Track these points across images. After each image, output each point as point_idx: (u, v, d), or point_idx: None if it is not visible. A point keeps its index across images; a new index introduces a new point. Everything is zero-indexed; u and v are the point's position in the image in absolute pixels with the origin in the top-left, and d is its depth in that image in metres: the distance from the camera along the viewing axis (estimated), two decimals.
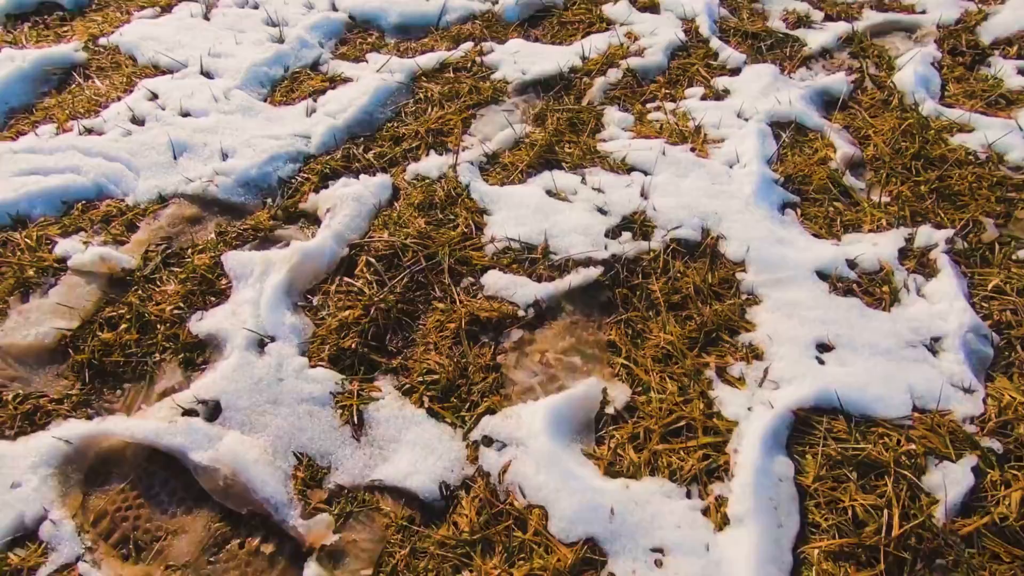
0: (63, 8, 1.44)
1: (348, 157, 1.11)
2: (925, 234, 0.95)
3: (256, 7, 1.41)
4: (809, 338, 0.82)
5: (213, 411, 0.79)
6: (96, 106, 1.19)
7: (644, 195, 1.01)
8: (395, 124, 1.18)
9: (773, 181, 1.03)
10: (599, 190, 1.03)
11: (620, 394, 0.79)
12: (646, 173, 1.05)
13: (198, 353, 0.85)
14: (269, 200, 1.05)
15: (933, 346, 0.82)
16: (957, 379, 0.78)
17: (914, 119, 1.13)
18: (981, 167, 1.06)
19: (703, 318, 0.85)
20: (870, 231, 0.97)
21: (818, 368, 0.79)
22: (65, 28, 1.39)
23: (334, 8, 1.42)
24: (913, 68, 1.23)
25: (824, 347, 0.82)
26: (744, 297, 0.89)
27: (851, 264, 0.92)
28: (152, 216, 1.01)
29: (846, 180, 1.05)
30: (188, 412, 0.78)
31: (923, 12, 1.42)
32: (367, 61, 1.31)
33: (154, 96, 1.20)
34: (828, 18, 1.42)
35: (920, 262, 0.92)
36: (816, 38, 1.36)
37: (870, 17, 1.41)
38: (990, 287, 0.88)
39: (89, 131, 1.14)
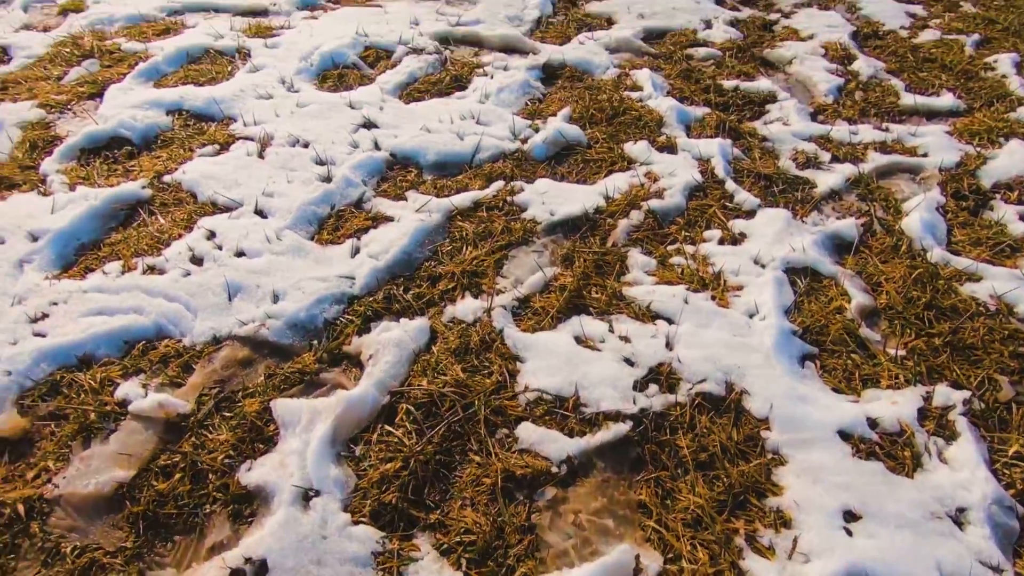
0: (132, 143, 1.59)
1: (389, 298, 1.18)
2: (943, 394, 0.98)
3: (306, 146, 1.54)
4: (835, 506, 0.85)
5: (260, 570, 0.82)
6: (159, 244, 1.30)
7: (669, 346, 1.07)
8: (432, 264, 1.26)
9: (792, 333, 1.09)
10: (626, 339, 1.09)
11: (652, 562, 0.82)
12: (670, 322, 1.11)
13: (246, 505, 0.89)
14: (315, 342, 1.12)
15: (958, 518, 0.84)
16: (984, 556, 0.80)
17: (923, 268, 1.20)
18: (992, 319, 1.11)
19: (731, 479, 0.88)
20: (888, 387, 1.01)
21: (846, 540, 0.81)
22: (133, 163, 1.52)
23: (377, 147, 1.55)
24: (919, 214, 1.31)
25: (851, 515, 0.84)
26: (770, 457, 0.92)
27: (872, 424, 0.95)
28: (207, 359, 1.08)
29: (862, 331, 1.10)
30: (236, 572, 0.82)
31: (925, 155, 1.51)
32: (406, 199, 1.42)
33: (212, 235, 1.30)
34: (835, 159, 1.52)
35: (939, 424, 0.95)
36: (825, 179, 1.45)
37: (875, 159, 1.51)
38: (1011, 453, 0.91)
39: (152, 269, 1.23)
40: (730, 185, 1.43)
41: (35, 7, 2.25)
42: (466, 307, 1.16)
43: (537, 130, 1.61)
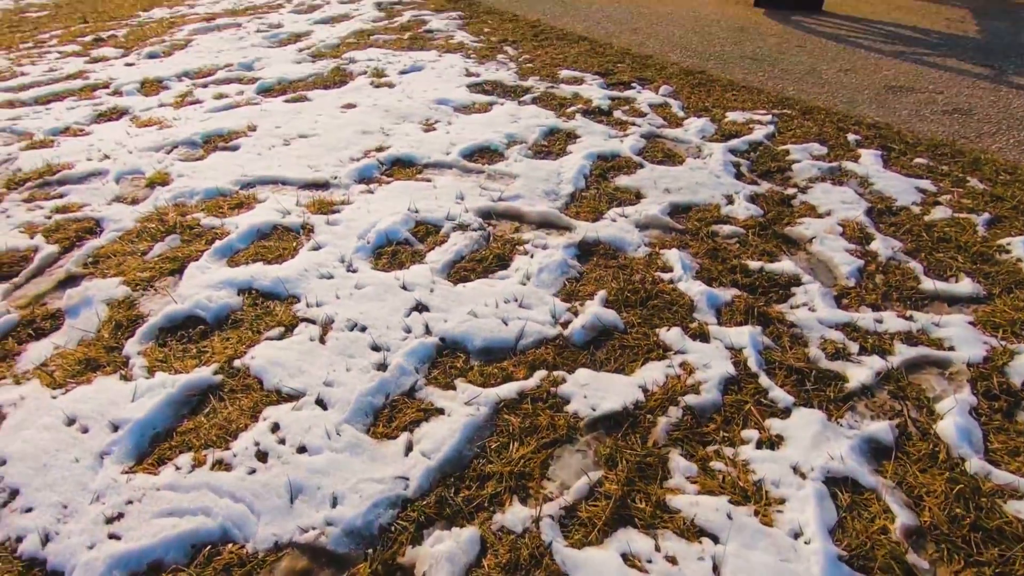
0: (206, 322, 1.74)
1: (441, 502, 1.24)
2: None
3: (363, 330, 1.67)
4: None
5: None
6: (227, 435, 1.39)
7: (716, 571, 1.09)
8: (481, 463, 1.33)
9: (838, 558, 1.10)
10: (673, 560, 1.11)
11: None
12: (715, 539, 1.14)
13: None
14: (370, 550, 1.16)
15: None
16: None
17: (964, 482, 1.22)
18: None
19: None
20: None
21: None
22: (205, 345, 1.66)
23: (428, 331, 1.67)
24: (953, 419, 1.35)
25: None
26: None
27: None
28: (268, 569, 1.13)
29: (910, 557, 1.11)
30: None
31: (951, 348, 1.58)
32: (455, 388, 1.51)
33: (276, 427, 1.39)
34: (863, 350, 1.59)
35: None
36: (855, 374, 1.51)
37: (902, 352, 1.57)
38: None
39: (220, 463, 1.32)
40: (764, 380, 1.49)
41: (126, 179, 2.55)
42: (515, 516, 1.20)
43: (576, 314, 1.73)
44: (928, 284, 1.81)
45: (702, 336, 1.65)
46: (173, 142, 2.79)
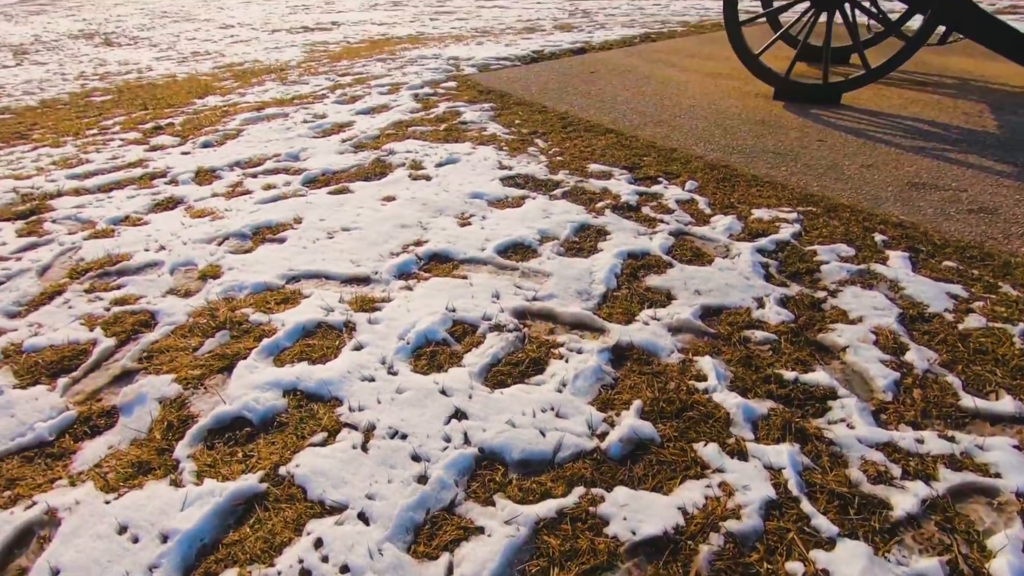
0: (252, 424, 1.80)
1: None
2: None
3: (404, 438, 1.72)
4: None
5: None
6: (271, 549, 1.42)
7: None
8: None
9: None
10: None
11: None
12: None
13: None
14: None
15: None
16: None
17: None
18: None
19: None
20: None
21: None
22: (251, 449, 1.71)
23: (467, 440, 1.70)
24: (1006, 558, 1.31)
25: None
26: None
27: None
28: None
29: None
30: None
31: (998, 475, 1.55)
32: (494, 504, 1.52)
33: (319, 543, 1.42)
34: (906, 473, 1.57)
35: None
36: (900, 501, 1.49)
37: (947, 477, 1.55)
38: None
39: None
40: (806, 505, 1.48)
41: (180, 271, 2.70)
42: None
43: (612, 425, 1.75)
44: (968, 401, 1.80)
45: (740, 454, 1.65)
46: (224, 234, 2.97)
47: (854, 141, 3.99)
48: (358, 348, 2.10)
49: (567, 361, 2.02)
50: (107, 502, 1.55)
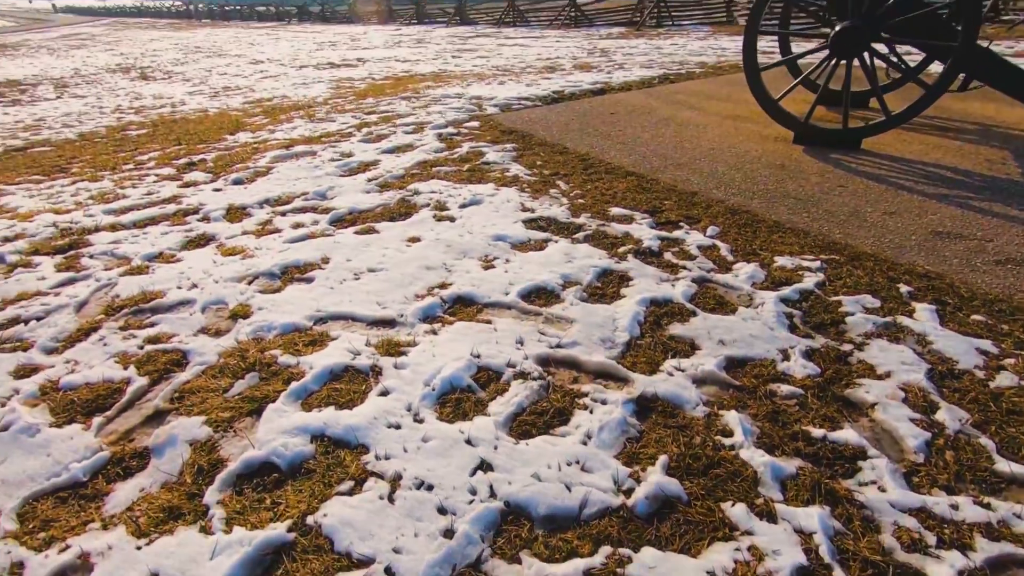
0: (280, 470, 1.82)
1: None
2: None
3: (430, 489, 1.72)
4: None
5: None
6: None
7: None
8: None
9: None
10: None
11: None
12: None
13: None
14: None
15: None
16: None
17: None
18: None
19: None
20: None
21: None
22: (280, 495, 1.73)
23: (493, 495, 1.70)
24: None
25: None
26: None
27: None
28: None
29: None
30: None
31: None
32: (521, 563, 1.52)
33: None
34: (941, 542, 1.54)
35: None
36: (936, 571, 1.46)
37: (983, 547, 1.51)
38: None
39: None
40: (838, 573, 1.46)
41: (211, 309, 2.76)
42: None
43: (638, 481, 1.74)
44: (1003, 465, 1.76)
45: (769, 515, 1.63)
46: (254, 273, 3.04)
47: (876, 187, 4.00)
48: (384, 394, 2.13)
49: (592, 412, 2.02)
50: (139, 547, 1.57)
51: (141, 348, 2.47)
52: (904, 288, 2.75)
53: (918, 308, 2.58)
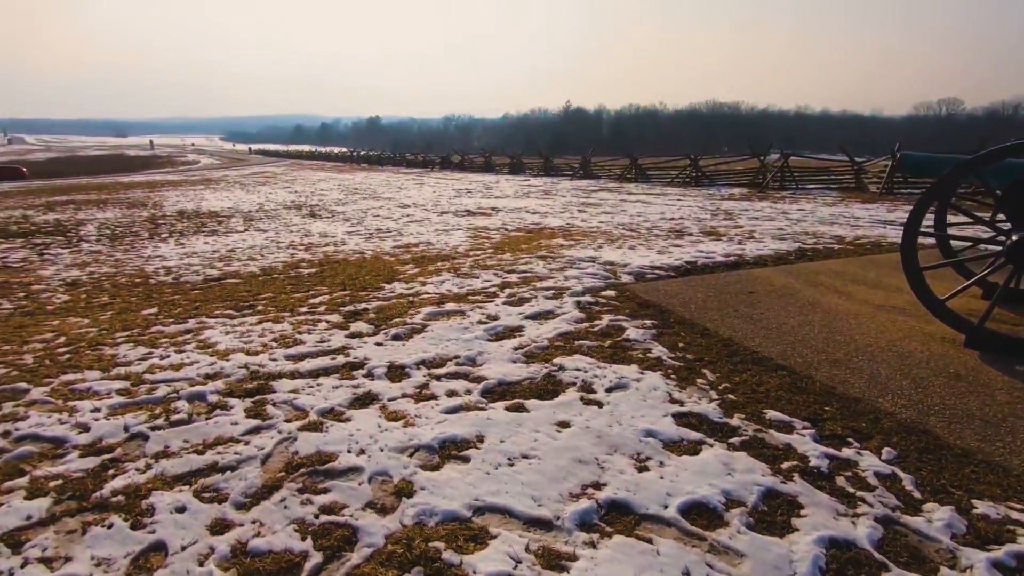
0: None
1: None
2: None
3: None
4: None
5: None
6: None
7: None
8: None
9: None
10: None
11: None
12: None
13: None
14: None
15: None
16: None
17: None
18: None
19: None
20: None
21: None
22: None
23: None
24: None
25: None
26: None
27: None
28: None
29: None
30: None
31: None
32: None
33: None
34: None
35: None
36: None
37: None
38: None
39: None
40: None
41: (377, 480, 2.92)
42: None
43: None
44: None
45: None
46: (415, 445, 3.22)
47: None
48: None
49: None
50: None
51: (317, 518, 2.64)
52: None
53: None
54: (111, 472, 3.06)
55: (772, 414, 3.55)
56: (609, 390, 3.90)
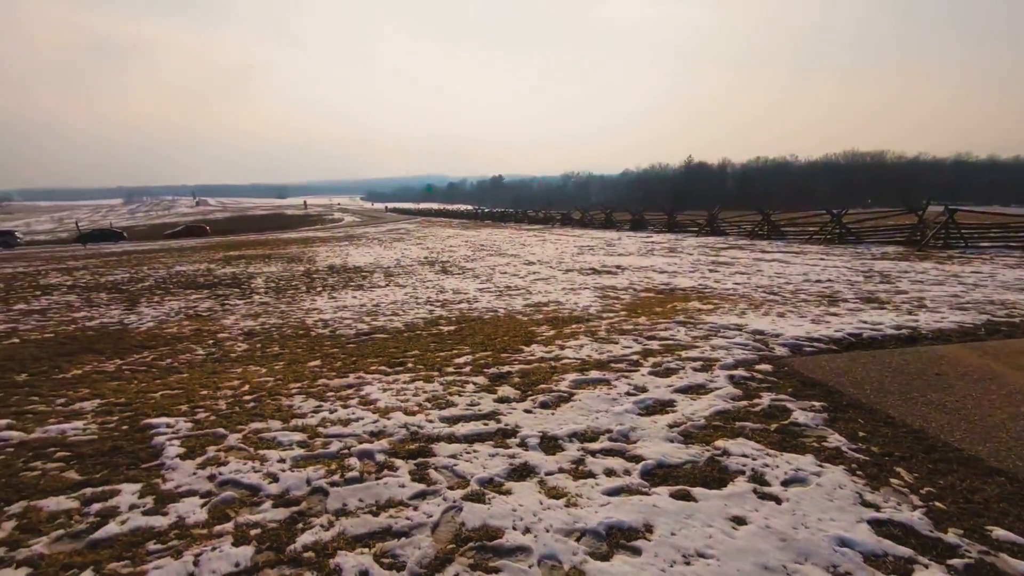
0: None
1: None
2: None
3: None
4: None
5: None
6: None
7: None
8: None
9: None
10: None
11: None
12: None
13: None
14: None
15: None
16: None
17: None
18: None
19: None
20: None
21: None
22: None
23: None
24: None
25: None
26: None
27: None
28: None
29: None
30: None
31: None
32: None
33: None
34: None
35: None
36: None
37: None
38: None
39: None
40: None
41: (546, 564, 2.86)
42: None
43: None
44: None
45: None
46: (582, 528, 3.13)
47: None
48: None
49: None
50: None
51: None
52: None
53: None
54: (299, 526, 3.30)
55: (1000, 533, 3.00)
56: (785, 483, 3.55)
